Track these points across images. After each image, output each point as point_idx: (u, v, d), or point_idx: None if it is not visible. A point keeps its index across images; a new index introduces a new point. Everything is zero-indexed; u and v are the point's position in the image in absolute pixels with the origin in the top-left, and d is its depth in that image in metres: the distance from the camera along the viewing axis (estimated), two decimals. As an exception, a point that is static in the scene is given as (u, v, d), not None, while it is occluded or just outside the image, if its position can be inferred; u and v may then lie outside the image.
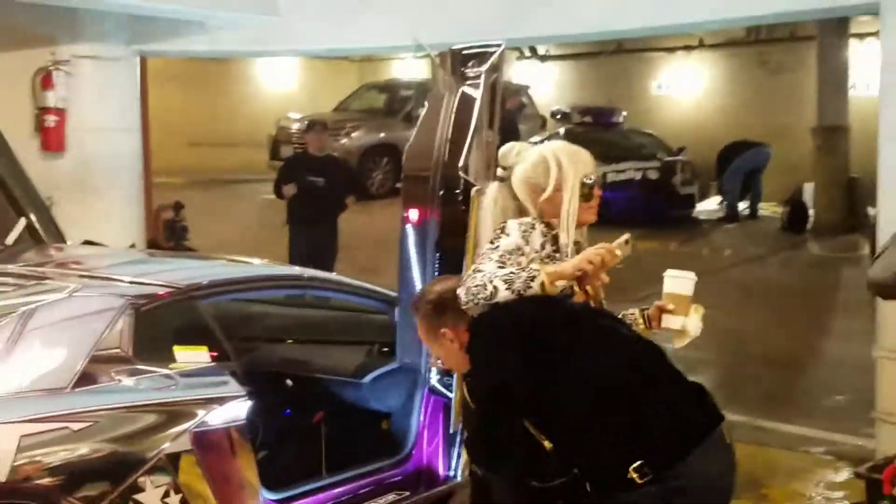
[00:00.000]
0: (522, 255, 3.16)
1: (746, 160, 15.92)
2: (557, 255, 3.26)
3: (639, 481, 2.66)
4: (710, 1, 6.45)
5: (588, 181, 3.38)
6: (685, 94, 19.40)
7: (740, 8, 6.49)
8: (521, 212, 3.33)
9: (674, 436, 2.77)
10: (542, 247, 3.22)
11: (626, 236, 3.27)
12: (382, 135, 16.59)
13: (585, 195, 3.37)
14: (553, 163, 3.31)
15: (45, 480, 2.99)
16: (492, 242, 3.16)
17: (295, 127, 16.64)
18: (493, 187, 3.48)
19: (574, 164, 3.35)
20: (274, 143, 16.74)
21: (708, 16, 6.81)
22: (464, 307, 2.94)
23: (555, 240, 3.29)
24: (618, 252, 3.12)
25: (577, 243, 3.32)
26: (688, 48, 18.97)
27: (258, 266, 5.39)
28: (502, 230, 3.21)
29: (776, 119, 17.18)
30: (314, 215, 9.01)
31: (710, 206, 16.57)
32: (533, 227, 3.23)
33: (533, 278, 2.89)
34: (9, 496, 2.90)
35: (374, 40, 8.09)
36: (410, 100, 17.35)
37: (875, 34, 14.15)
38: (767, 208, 16.54)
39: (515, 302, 2.82)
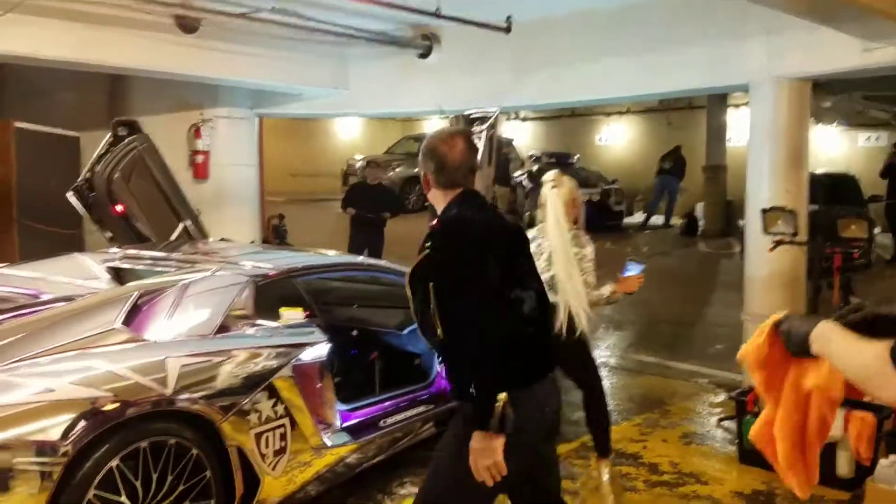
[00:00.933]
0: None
1: (664, 184, 15.79)
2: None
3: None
4: (631, 83, 6.44)
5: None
6: (617, 143, 19.38)
7: (653, 86, 6.49)
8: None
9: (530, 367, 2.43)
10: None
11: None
12: (416, 170, 16.49)
13: None
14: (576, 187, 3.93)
15: (196, 393, 2.97)
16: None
17: (358, 164, 16.67)
18: (553, 192, 3.87)
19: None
20: (344, 175, 16.76)
21: (630, 92, 6.82)
22: None
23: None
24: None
25: None
26: (619, 113, 18.97)
27: (334, 256, 5.39)
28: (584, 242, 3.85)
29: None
30: (367, 225, 8.91)
31: (634, 219, 16.57)
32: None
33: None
34: (173, 402, 2.89)
35: (412, 106, 8.12)
36: (435, 147, 17.31)
37: (745, 104, 14.21)
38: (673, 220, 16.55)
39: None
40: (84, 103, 8.26)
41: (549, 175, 4.01)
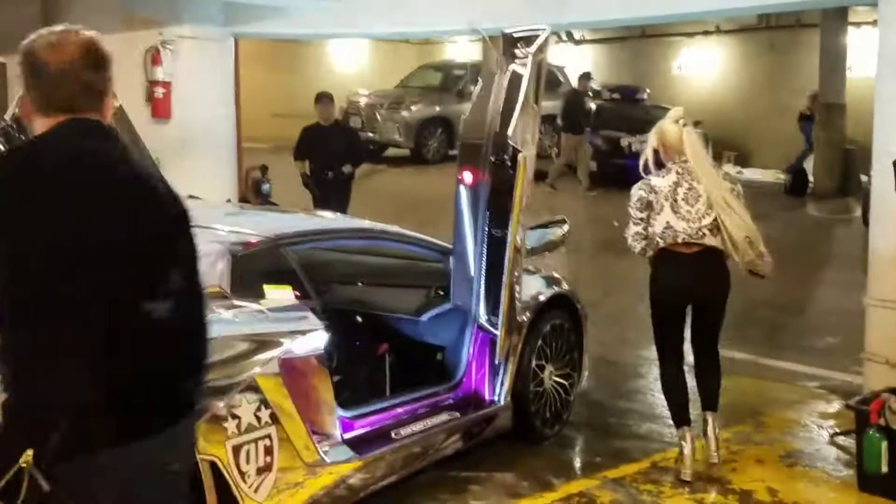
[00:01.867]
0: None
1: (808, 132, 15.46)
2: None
3: None
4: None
5: None
6: (702, 74, 19.06)
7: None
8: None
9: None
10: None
11: None
12: (437, 108, 16.49)
13: None
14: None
15: None
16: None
17: (363, 101, 16.64)
18: (688, 130, 4.66)
19: None
20: (344, 116, 16.70)
21: (724, 4, 6.68)
22: None
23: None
24: None
25: None
26: (706, 33, 18.63)
27: (333, 219, 5.41)
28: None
29: (781, 96, 16.90)
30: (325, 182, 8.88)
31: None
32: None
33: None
34: None
35: (434, 24, 8.04)
36: (462, 78, 17.21)
37: (870, 23, 13.91)
38: (771, 175, 16.31)
39: None
40: (13, 19, 8.31)
41: (677, 112, 4.86)
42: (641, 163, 4.63)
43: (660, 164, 4.65)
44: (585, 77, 15.28)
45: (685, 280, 4.53)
